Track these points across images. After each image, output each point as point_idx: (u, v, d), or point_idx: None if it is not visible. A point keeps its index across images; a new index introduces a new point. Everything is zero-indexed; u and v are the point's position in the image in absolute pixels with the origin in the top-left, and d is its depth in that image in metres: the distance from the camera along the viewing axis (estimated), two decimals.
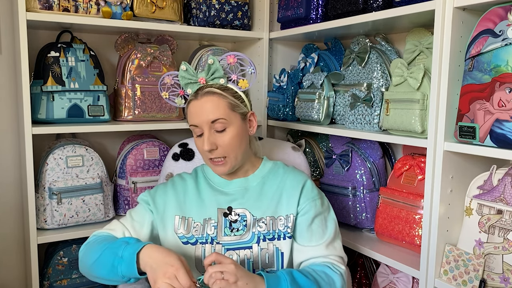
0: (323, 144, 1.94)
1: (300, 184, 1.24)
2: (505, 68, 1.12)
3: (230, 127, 1.18)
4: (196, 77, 1.21)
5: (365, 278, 1.74)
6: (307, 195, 1.23)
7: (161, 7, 1.76)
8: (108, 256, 1.08)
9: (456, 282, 1.26)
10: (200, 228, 1.21)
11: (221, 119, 1.17)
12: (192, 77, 1.21)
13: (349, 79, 1.70)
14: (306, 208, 1.22)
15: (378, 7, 1.45)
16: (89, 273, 1.15)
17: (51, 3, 1.56)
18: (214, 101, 1.17)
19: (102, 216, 1.68)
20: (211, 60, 1.19)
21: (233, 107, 1.19)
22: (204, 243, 1.20)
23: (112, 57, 1.94)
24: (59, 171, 1.62)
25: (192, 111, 1.19)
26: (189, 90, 1.23)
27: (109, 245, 1.10)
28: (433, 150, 1.28)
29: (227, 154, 1.19)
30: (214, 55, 1.26)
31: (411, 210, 1.46)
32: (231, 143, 1.18)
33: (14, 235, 1.84)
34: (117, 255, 1.06)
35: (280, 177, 1.27)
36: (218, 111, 1.17)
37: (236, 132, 1.19)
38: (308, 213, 1.21)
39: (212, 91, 1.19)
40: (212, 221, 1.21)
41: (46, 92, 1.60)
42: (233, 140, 1.18)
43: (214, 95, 1.18)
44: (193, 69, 1.21)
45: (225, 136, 1.18)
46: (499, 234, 1.19)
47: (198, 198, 1.25)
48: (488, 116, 1.14)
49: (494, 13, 1.16)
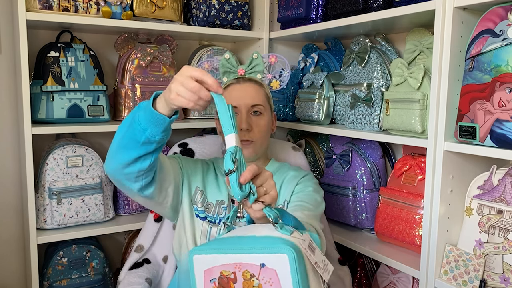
0: (323, 144, 1.94)
1: (301, 175, 1.30)
2: (505, 68, 1.12)
3: (264, 114, 1.30)
4: (236, 68, 1.31)
5: (365, 278, 1.74)
6: (304, 182, 1.28)
7: (161, 7, 1.75)
8: (129, 115, 1.02)
9: (456, 282, 1.26)
10: (212, 208, 1.26)
11: (260, 105, 1.28)
12: (233, 67, 1.31)
13: (349, 79, 1.70)
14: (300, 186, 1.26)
15: (378, 7, 1.45)
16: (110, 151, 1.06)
17: (51, 3, 1.56)
18: (256, 88, 1.29)
19: (102, 216, 1.68)
20: (255, 55, 1.31)
21: (268, 99, 1.32)
22: (212, 222, 1.24)
23: (112, 57, 1.94)
24: (59, 171, 1.62)
25: (233, 93, 1.28)
26: (225, 79, 1.33)
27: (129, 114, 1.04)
28: (433, 150, 1.28)
29: (256, 138, 1.27)
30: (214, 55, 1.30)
31: (411, 210, 1.46)
32: (263, 129, 1.29)
33: (14, 235, 1.84)
34: (133, 112, 1.00)
35: (285, 173, 1.32)
36: (258, 98, 1.29)
37: (268, 121, 1.31)
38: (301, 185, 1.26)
39: (254, 79, 1.31)
40: (224, 204, 1.25)
41: (46, 92, 1.60)
42: (265, 127, 1.30)
43: (256, 83, 1.31)
44: (235, 59, 1.32)
45: (260, 121, 1.28)
46: (499, 234, 1.19)
47: (215, 180, 1.30)
48: (488, 116, 1.14)
49: (494, 13, 1.15)
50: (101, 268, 1.73)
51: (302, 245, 0.83)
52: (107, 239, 1.98)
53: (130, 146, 1.01)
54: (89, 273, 1.71)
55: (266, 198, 0.88)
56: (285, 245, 0.79)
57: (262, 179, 0.89)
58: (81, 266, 1.69)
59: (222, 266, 0.84)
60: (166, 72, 1.82)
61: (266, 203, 0.87)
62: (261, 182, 0.88)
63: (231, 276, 0.84)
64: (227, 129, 0.89)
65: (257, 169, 0.87)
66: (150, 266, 1.45)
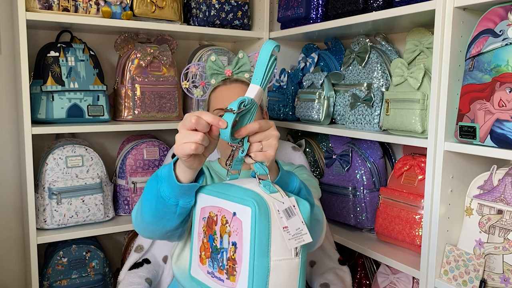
0: (323, 144, 1.94)
1: (293, 167, 1.32)
2: (506, 68, 1.12)
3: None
4: (223, 69, 1.30)
5: (365, 278, 1.74)
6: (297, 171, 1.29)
7: (161, 6, 1.75)
8: (150, 187, 0.97)
9: (456, 282, 1.26)
10: None
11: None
12: (219, 69, 1.30)
13: (349, 79, 1.70)
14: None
15: (378, 7, 1.45)
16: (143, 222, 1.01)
17: (50, 3, 1.56)
18: (243, 88, 1.26)
19: (101, 216, 1.68)
20: (241, 54, 1.29)
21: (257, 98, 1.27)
22: None
23: (112, 57, 1.93)
24: (58, 171, 1.62)
25: (220, 96, 1.27)
26: (212, 81, 1.31)
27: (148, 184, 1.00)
28: (433, 150, 1.28)
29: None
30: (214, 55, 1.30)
31: (411, 210, 1.46)
32: None
33: (14, 235, 1.84)
34: (157, 178, 0.95)
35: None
36: None
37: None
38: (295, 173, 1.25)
39: (241, 79, 1.29)
40: None
41: (46, 92, 1.60)
42: None
43: (243, 83, 1.28)
44: (221, 61, 1.30)
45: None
46: (499, 234, 1.19)
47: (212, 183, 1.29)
48: (488, 116, 1.14)
49: (495, 13, 1.15)
50: (101, 268, 1.73)
51: (276, 206, 0.83)
52: (107, 239, 1.98)
53: (167, 218, 0.97)
54: (89, 273, 1.71)
55: (258, 155, 0.86)
56: (252, 199, 0.81)
57: (263, 136, 0.87)
58: (81, 266, 1.69)
59: (211, 207, 0.90)
60: (166, 72, 1.82)
61: (256, 160, 0.86)
62: (260, 138, 0.87)
63: (215, 218, 0.88)
64: (256, 78, 0.86)
65: (258, 128, 0.85)
66: (150, 266, 1.45)
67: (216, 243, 0.88)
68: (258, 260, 0.80)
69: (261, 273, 0.81)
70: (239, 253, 0.83)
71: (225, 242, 0.86)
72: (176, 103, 1.83)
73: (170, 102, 1.81)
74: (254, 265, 0.80)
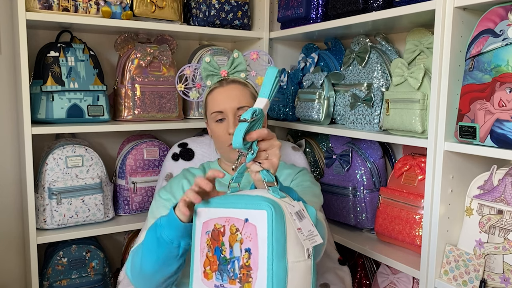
0: (323, 144, 1.94)
1: (296, 171, 1.30)
2: (506, 68, 1.12)
3: None
4: (218, 69, 1.27)
5: (365, 278, 1.74)
6: (299, 177, 1.28)
7: (161, 6, 1.75)
8: (150, 238, 1.02)
9: (457, 282, 1.26)
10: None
11: (246, 107, 1.24)
12: (215, 69, 1.27)
13: (349, 79, 1.70)
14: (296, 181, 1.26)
15: (378, 6, 1.45)
16: (144, 276, 1.06)
17: (50, 3, 1.56)
18: (240, 89, 1.26)
19: (101, 216, 1.68)
20: (236, 54, 1.27)
21: (254, 98, 1.27)
22: None
23: (112, 57, 1.93)
24: (58, 171, 1.62)
25: (217, 98, 1.25)
26: (208, 82, 1.29)
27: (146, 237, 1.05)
28: (433, 150, 1.28)
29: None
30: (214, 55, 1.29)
31: (411, 210, 1.46)
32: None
33: (14, 235, 1.84)
34: (156, 228, 1.01)
35: (280, 172, 1.30)
36: (244, 99, 1.25)
37: None
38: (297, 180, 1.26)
39: (238, 80, 1.27)
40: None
41: (46, 92, 1.60)
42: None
43: (240, 84, 1.27)
44: (216, 62, 1.28)
45: None
46: (499, 234, 1.19)
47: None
48: (488, 116, 1.14)
49: (495, 13, 1.15)
50: (101, 268, 1.73)
51: (288, 209, 0.85)
52: (107, 239, 1.98)
53: (169, 263, 1.01)
54: (89, 273, 1.71)
55: (265, 162, 0.90)
56: (267, 203, 0.83)
57: (268, 145, 0.91)
58: (81, 266, 1.69)
59: (216, 219, 0.90)
60: (166, 72, 1.82)
61: (264, 167, 0.90)
62: (266, 146, 0.91)
63: (221, 229, 0.89)
64: (263, 93, 0.91)
65: (267, 134, 0.90)
66: None
67: (225, 254, 0.88)
68: (277, 262, 0.82)
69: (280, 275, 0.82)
70: (255, 259, 0.83)
71: (236, 250, 0.86)
72: (176, 103, 1.83)
73: (170, 102, 1.81)
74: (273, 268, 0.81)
